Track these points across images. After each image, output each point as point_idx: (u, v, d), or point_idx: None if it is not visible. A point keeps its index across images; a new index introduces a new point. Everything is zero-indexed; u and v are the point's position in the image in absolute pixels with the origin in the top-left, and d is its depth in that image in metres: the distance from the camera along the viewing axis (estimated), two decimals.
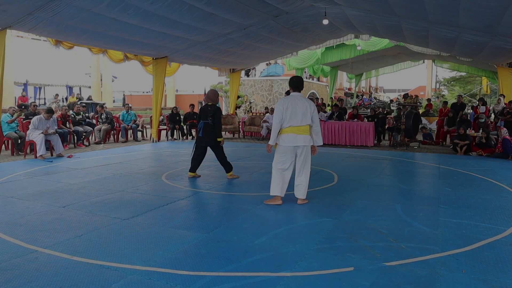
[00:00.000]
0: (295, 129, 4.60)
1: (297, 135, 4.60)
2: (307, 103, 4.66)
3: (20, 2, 6.42)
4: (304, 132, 4.63)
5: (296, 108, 4.59)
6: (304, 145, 4.63)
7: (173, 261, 3.01)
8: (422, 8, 7.21)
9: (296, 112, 4.58)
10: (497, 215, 4.37)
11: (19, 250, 3.22)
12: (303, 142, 4.62)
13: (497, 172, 7.19)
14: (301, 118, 4.59)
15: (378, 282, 2.70)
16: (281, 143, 4.66)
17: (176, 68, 13.19)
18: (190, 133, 13.31)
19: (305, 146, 4.66)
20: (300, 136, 4.60)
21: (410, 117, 10.73)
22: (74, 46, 9.42)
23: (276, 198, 4.75)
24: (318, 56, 17.02)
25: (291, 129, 4.60)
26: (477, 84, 26.75)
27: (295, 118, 4.58)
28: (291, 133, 4.60)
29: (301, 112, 4.59)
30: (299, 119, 4.59)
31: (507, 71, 11.53)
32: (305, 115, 4.60)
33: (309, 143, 4.67)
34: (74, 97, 20.27)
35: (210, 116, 6.08)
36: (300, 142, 4.60)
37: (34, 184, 5.75)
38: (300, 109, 4.59)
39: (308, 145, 4.67)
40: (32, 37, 18.66)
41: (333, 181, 6.13)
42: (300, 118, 4.59)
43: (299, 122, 4.59)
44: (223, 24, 9.12)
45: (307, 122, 4.64)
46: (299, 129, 4.61)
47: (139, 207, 4.58)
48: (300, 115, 4.59)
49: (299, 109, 4.59)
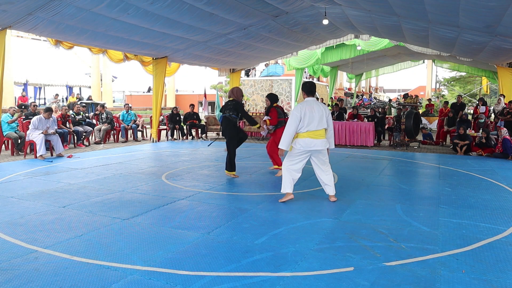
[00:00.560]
0: (312, 133, 4.73)
1: (314, 139, 4.73)
2: (322, 107, 4.81)
3: (20, 2, 6.42)
4: (321, 136, 4.77)
5: (313, 113, 4.72)
6: (321, 149, 4.78)
7: (173, 261, 3.01)
8: (422, 8, 7.21)
9: (313, 117, 4.71)
10: (497, 215, 4.37)
11: (19, 250, 3.22)
12: (321, 146, 4.77)
13: (497, 172, 7.19)
14: (317, 122, 4.72)
15: (378, 282, 2.70)
16: (298, 147, 4.77)
17: (176, 68, 13.19)
18: (190, 133, 13.31)
19: (324, 149, 4.81)
20: (317, 141, 4.74)
21: (410, 117, 10.73)
22: (74, 46, 9.42)
23: (287, 194, 4.91)
24: (318, 56, 17.00)
25: (309, 134, 4.73)
26: (477, 84, 26.75)
27: (312, 123, 4.71)
28: (308, 138, 4.73)
29: (318, 116, 4.72)
30: (316, 123, 4.72)
31: (507, 71, 11.53)
32: (321, 119, 4.74)
33: (326, 146, 4.82)
34: (74, 97, 20.26)
35: (228, 110, 6.29)
36: (318, 146, 4.75)
37: (34, 184, 5.75)
38: (317, 114, 4.72)
39: (325, 148, 4.82)
40: (32, 37, 18.67)
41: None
42: (317, 123, 4.72)
43: (316, 126, 4.72)
44: (223, 24, 9.12)
45: (323, 126, 4.78)
46: (316, 134, 4.74)
47: (139, 207, 4.58)
48: (317, 120, 4.72)
49: (316, 114, 4.72)
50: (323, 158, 4.85)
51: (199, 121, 13.55)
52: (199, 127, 13.24)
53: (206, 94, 16.11)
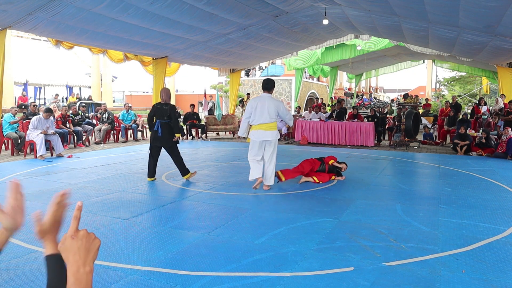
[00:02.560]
0: (264, 126, 5.36)
1: (265, 131, 5.37)
2: (274, 102, 5.40)
3: (20, 2, 6.42)
4: (271, 128, 5.39)
5: (264, 107, 5.32)
6: (271, 139, 5.40)
7: (173, 261, 3.01)
8: (422, 8, 7.21)
9: (263, 111, 5.31)
10: (497, 215, 4.37)
11: (19, 250, 3.22)
12: (270, 137, 5.39)
13: (497, 172, 7.19)
14: (268, 116, 5.32)
15: (378, 282, 2.70)
16: (253, 138, 5.43)
17: (177, 68, 13.18)
18: (190, 133, 13.31)
19: (274, 140, 5.42)
20: (267, 132, 5.37)
21: (410, 117, 10.73)
22: (74, 46, 9.42)
23: (257, 179, 5.49)
24: (318, 56, 17.01)
25: (260, 126, 5.37)
26: (477, 84, 26.75)
27: (263, 116, 5.32)
28: (260, 130, 5.38)
29: (267, 111, 5.31)
30: (266, 117, 5.33)
31: (507, 71, 11.54)
32: (271, 113, 5.33)
33: (276, 137, 5.46)
34: (74, 97, 20.26)
35: (167, 116, 5.98)
36: (267, 137, 5.38)
37: (34, 184, 5.75)
38: (267, 108, 5.31)
39: (275, 139, 5.45)
40: (32, 37, 18.66)
41: (333, 181, 6.12)
42: (267, 116, 5.33)
43: (266, 120, 5.33)
44: (223, 24, 9.12)
45: (274, 119, 5.38)
46: (267, 126, 5.37)
47: (139, 207, 4.58)
48: (266, 113, 5.32)
49: (266, 109, 5.31)
50: (272, 149, 5.46)
51: (199, 121, 13.56)
52: (199, 127, 13.24)
53: (206, 94, 16.11)
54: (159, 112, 6.01)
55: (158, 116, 6.02)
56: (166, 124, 6.00)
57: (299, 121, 12.46)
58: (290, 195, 5.32)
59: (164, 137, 6.01)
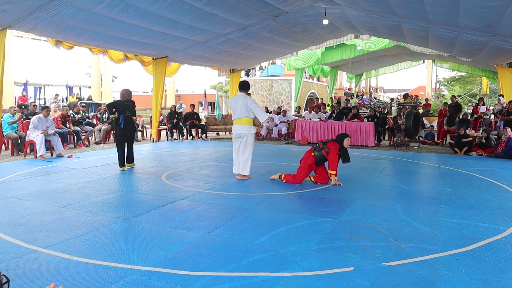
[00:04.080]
0: (238, 121, 6.09)
1: (239, 126, 6.08)
2: (244, 99, 5.98)
3: (20, 2, 6.42)
4: (244, 123, 6.05)
5: (237, 105, 6.01)
6: (244, 133, 6.04)
7: (173, 261, 3.01)
8: (422, 8, 7.21)
9: (237, 108, 6.02)
10: (497, 215, 4.37)
11: (19, 250, 3.22)
12: (243, 131, 6.06)
13: (497, 172, 7.19)
14: (240, 112, 6.01)
15: (378, 282, 2.70)
16: (233, 132, 6.16)
17: (177, 68, 13.18)
18: (190, 133, 13.31)
19: (246, 134, 6.03)
20: (241, 127, 6.07)
21: (410, 117, 10.73)
22: (74, 46, 9.42)
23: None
24: (318, 56, 17.01)
25: (236, 121, 6.13)
26: (477, 84, 26.76)
27: (236, 112, 6.06)
28: (236, 125, 6.14)
29: (240, 107, 5.98)
30: (239, 112, 6.02)
31: (507, 71, 11.53)
32: (243, 110, 5.97)
33: (248, 131, 6.05)
34: (74, 97, 20.25)
35: (130, 110, 6.96)
36: (241, 131, 6.08)
37: (34, 184, 5.75)
38: (239, 105, 5.98)
39: (248, 133, 6.04)
40: (32, 37, 18.66)
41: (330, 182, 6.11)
42: (239, 112, 6.02)
43: (239, 115, 6.04)
44: (223, 24, 9.12)
45: (245, 114, 6.00)
46: (241, 121, 6.06)
47: (139, 207, 4.58)
48: (239, 110, 6.01)
49: (239, 106, 5.99)
50: (244, 142, 6.06)
51: (199, 121, 13.56)
52: (199, 127, 13.24)
53: (206, 94, 16.11)
54: (121, 107, 6.92)
55: (120, 111, 6.90)
56: (128, 117, 6.96)
57: (299, 121, 12.47)
58: (290, 195, 5.32)
59: (125, 128, 6.97)
